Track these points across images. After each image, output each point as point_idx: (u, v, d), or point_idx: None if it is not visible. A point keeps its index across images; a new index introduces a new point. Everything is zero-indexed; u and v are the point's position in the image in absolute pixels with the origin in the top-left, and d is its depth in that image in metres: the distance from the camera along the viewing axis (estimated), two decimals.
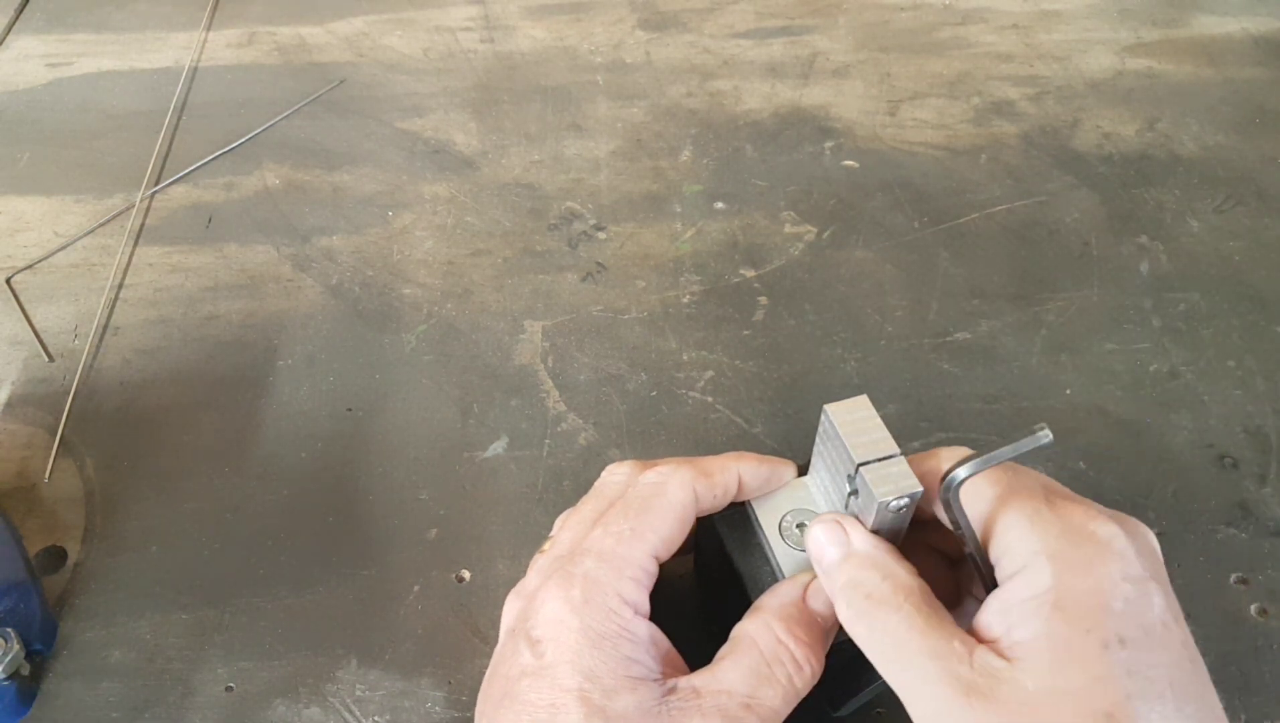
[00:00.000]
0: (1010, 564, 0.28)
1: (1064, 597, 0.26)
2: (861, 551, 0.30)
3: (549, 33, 0.72)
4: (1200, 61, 0.69)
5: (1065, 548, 0.27)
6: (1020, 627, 0.27)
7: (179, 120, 0.65)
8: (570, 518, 0.34)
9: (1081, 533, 0.27)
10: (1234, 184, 0.59)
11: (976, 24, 0.73)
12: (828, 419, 0.31)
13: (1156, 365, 0.49)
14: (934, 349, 0.50)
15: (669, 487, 0.32)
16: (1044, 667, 0.26)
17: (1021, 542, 0.28)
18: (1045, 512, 0.28)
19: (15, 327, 0.52)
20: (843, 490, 0.32)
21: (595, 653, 0.29)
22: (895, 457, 0.30)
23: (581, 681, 0.28)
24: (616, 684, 0.29)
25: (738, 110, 0.65)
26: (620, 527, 0.31)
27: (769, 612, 0.31)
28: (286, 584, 0.42)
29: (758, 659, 0.30)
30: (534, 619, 0.30)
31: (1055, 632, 0.26)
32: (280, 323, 0.52)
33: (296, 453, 0.46)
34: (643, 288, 0.54)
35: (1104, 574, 0.27)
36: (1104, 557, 0.27)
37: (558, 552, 0.32)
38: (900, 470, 0.30)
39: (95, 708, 0.38)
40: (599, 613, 0.30)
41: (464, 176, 0.60)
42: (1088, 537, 0.27)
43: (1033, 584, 0.27)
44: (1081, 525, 0.28)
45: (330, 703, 0.38)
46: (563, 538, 0.33)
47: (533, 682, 0.29)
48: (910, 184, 0.60)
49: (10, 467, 0.46)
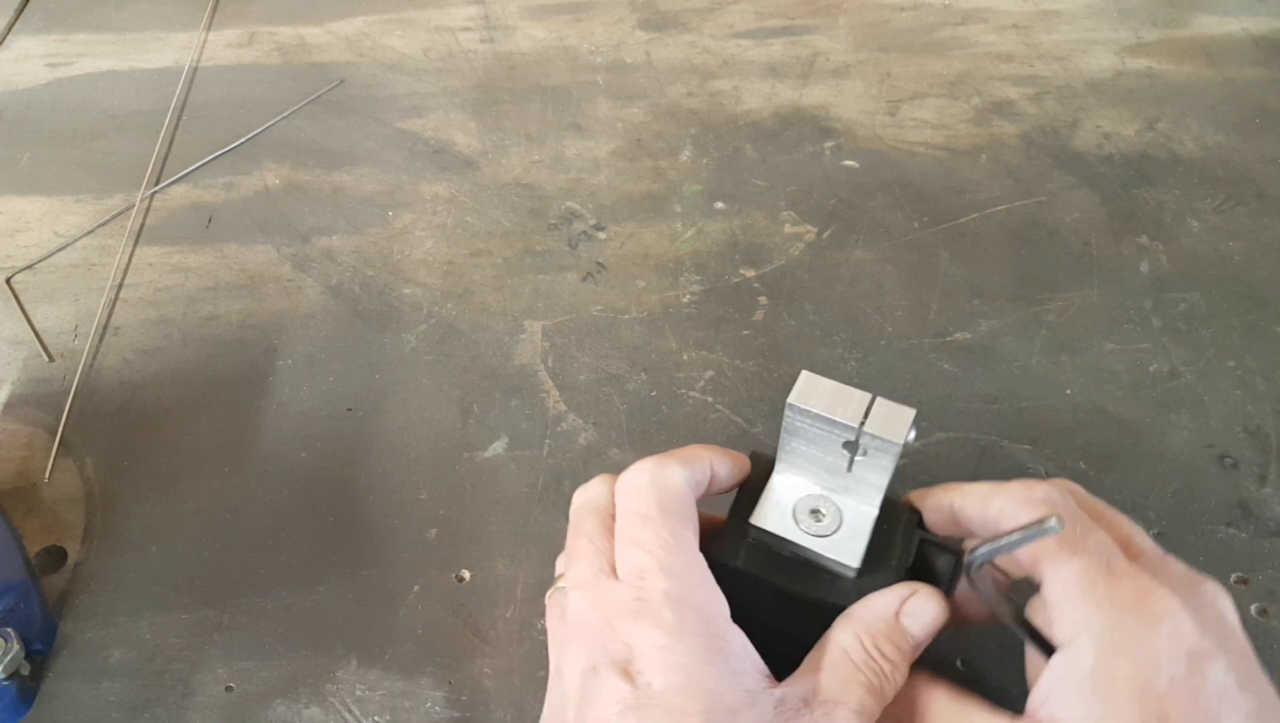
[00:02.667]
0: (1060, 635, 0.27)
1: (1104, 680, 0.26)
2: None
3: (549, 33, 0.72)
4: (1200, 61, 0.69)
5: (1112, 626, 0.26)
6: (1062, 708, 0.26)
7: (179, 120, 0.65)
8: (574, 547, 0.32)
9: (1134, 609, 0.26)
10: (1234, 184, 0.59)
11: (976, 24, 0.73)
12: (796, 410, 0.31)
13: (1156, 365, 0.49)
14: (934, 349, 0.50)
15: (668, 480, 0.31)
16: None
17: (1071, 614, 0.27)
18: (1101, 584, 0.27)
19: (15, 327, 0.52)
20: (839, 465, 0.32)
21: (708, 672, 0.27)
22: (874, 400, 0.30)
23: (703, 702, 0.26)
24: (736, 701, 0.27)
25: (738, 110, 0.65)
26: (659, 536, 0.29)
27: (860, 623, 0.30)
28: (286, 584, 0.42)
29: (854, 669, 0.29)
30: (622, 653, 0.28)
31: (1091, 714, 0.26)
32: (280, 323, 0.52)
33: (296, 453, 0.46)
34: (643, 288, 0.54)
35: (1149, 654, 0.26)
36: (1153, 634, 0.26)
37: (593, 580, 0.30)
38: (889, 409, 0.30)
39: (95, 708, 0.38)
40: (697, 630, 0.28)
41: (464, 176, 0.60)
42: (1140, 613, 0.26)
43: (1076, 663, 0.26)
44: (1136, 601, 0.27)
45: (330, 703, 0.38)
46: (587, 567, 0.30)
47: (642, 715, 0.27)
48: (910, 184, 0.60)
49: (10, 467, 0.46)
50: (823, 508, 0.33)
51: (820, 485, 0.33)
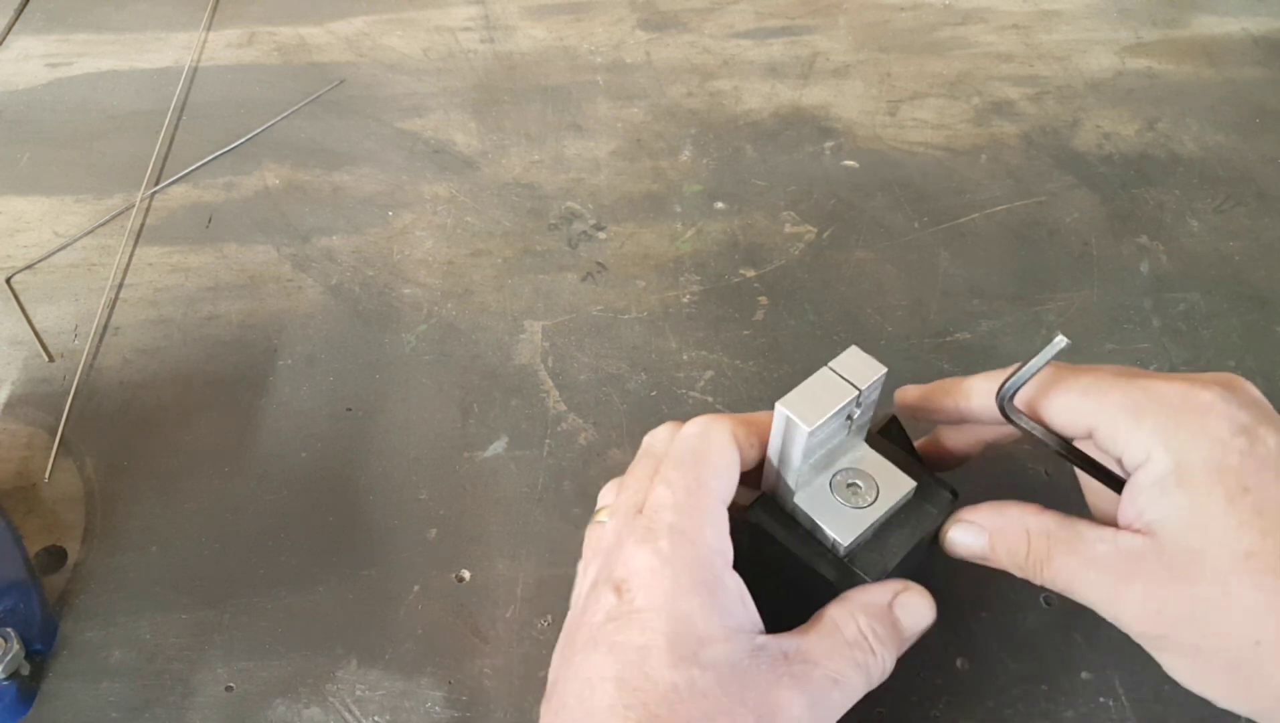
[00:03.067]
0: (1131, 458, 0.30)
1: (1184, 472, 0.29)
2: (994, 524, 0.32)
3: (549, 33, 0.72)
4: (1200, 61, 0.69)
5: (1175, 428, 0.29)
6: (1150, 509, 0.29)
7: (179, 120, 0.65)
8: (625, 482, 0.34)
9: (1184, 408, 0.29)
10: (1234, 184, 0.59)
11: (976, 24, 0.73)
12: (816, 429, 0.31)
13: (1156, 365, 0.49)
14: (934, 349, 0.50)
15: (713, 435, 0.33)
16: (1180, 536, 0.28)
17: (1134, 436, 0.30)
18: (1144, 402, 0.30)
19: (15, 327, 0.52)
20: (838, 436, 0.33)
21: (689, 599, 0.29)
22: (838, 362, 0.33)
23: (675, 624, 0.28)
24: (710, 632, 0.29)
25: (738, 110, 0.65)
26: (685, 479, 0.31)
27: (855, 604, 0.32)
28: (286, 584, 0.42)
29: (842, 642, 0.31)
30: (620, 571, 0.30)
31: (1181, 504, 0.28)
32: (280, 323, 0.52)
33: (296, 453, 0.46)
34: (643, 288, 0.54)
35: (1214, 438, 0.29)
36: (1210, 421, 0.29)
37: (626, 511, 0.32)
38: (856, 356, 0.33)
39: (95, 708, 0.38)
40: (690, 562, 0.29)
41: (464, 177, 0.60)
42: (1191, 410, 0.29)
43: (1154, 471, 0.29)
44: (1182, 401, 0.29)
45: (330, 703, 0.38)
46: (625, 501, 0.33)
47: (620, 625, 0.29)
48: (910, 184, 0.60)
49: (10, 467, 0.46)
50: (860, 482, 0.34)
51: (832, 453, 0.34)
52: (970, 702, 0.38)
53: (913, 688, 0.38)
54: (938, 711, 0.37)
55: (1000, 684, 0.38)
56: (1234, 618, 0.28)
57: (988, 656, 0.39)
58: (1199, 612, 0.28)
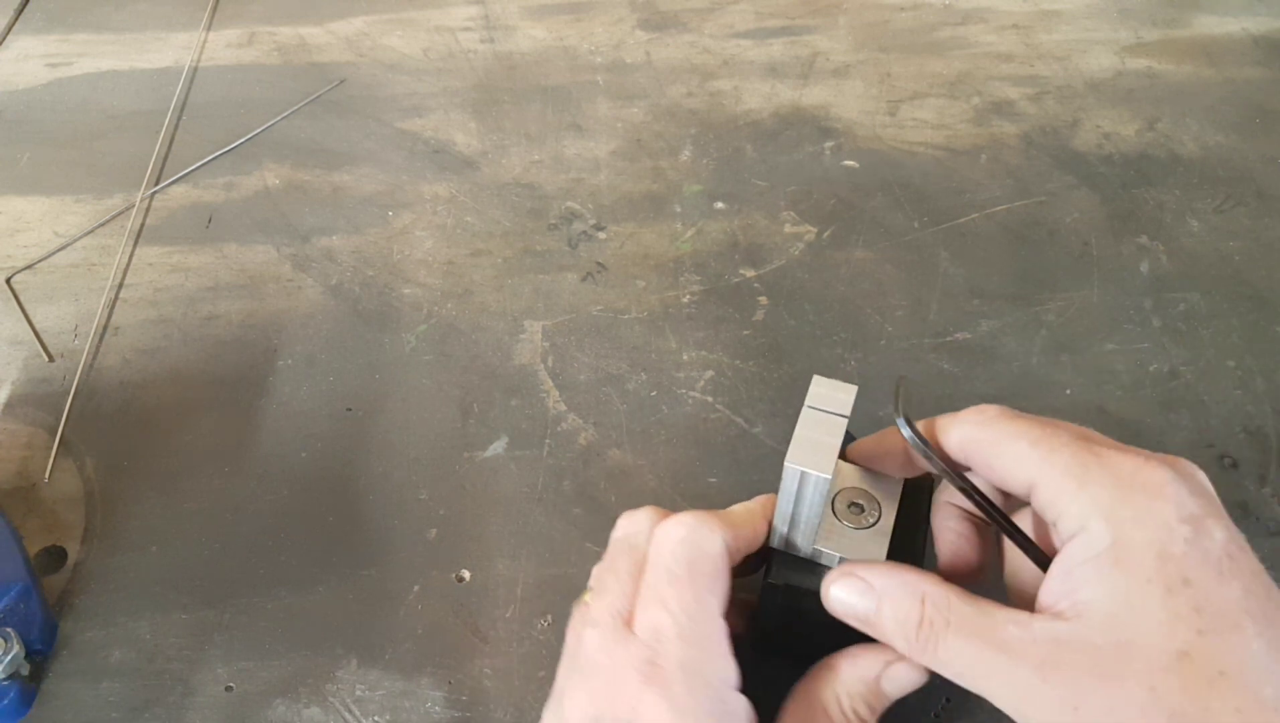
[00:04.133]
0: (1066, 527, 0.28)
1: (1123, 553, 0.26)
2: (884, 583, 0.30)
3: (549, 33, 0.72)
4: (1200, 61, 0.69)
5: (1117, 504, 0.27)
6: (1083, 588, 0.27)
7: (179, 120, 0.65)
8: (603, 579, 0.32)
9: (1132, 484, 0.27)
10: (1234, 184, 0.59)
11: (976, 24, 0.73)
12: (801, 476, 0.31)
13: (1156, 365, 0.49)
14: (934, 349, 0.50)
15: (705, 545, 0.31)
16: (1109, 621, 0.26)
17: (1074, 503, 0.28)
18: (1093, 468, 0.28)
19: (15, 327, 0.52)
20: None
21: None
22: (813, 398, 0.32)
23: None
24: None
25: (738, 110, 0.65)
26: (684, 600, 0.30)
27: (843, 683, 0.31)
28: (286, 584, 0.42)
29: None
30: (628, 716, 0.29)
31: (1117, 587, 0.26)
32: (280, 323, 0.52)
33: (296, 453, 0.46)
34: (643, 288, 0.54)
35: (1160, 521, 0.26)
36: (1158, 504, 0.27)
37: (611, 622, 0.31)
38: (826, 385, 0.32)
39: (95, 708, 0.38)
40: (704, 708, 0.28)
41: (464, 177, 0.60)
42: (1140, 487, 0.27)
43: (1091, 546, 0.27)
44: (1132, 476, 0.27)
45: (330, 703, 0.38)
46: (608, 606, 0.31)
47: None
48: (910, 184, 0.60)
49: (10, 467, 0.46)
50: (860, 501, 0.33)
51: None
52: (970, 702, 0.38)
53: None
54: (938, 711, 0.37)
55: None
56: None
57: None
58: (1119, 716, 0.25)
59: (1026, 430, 0.29)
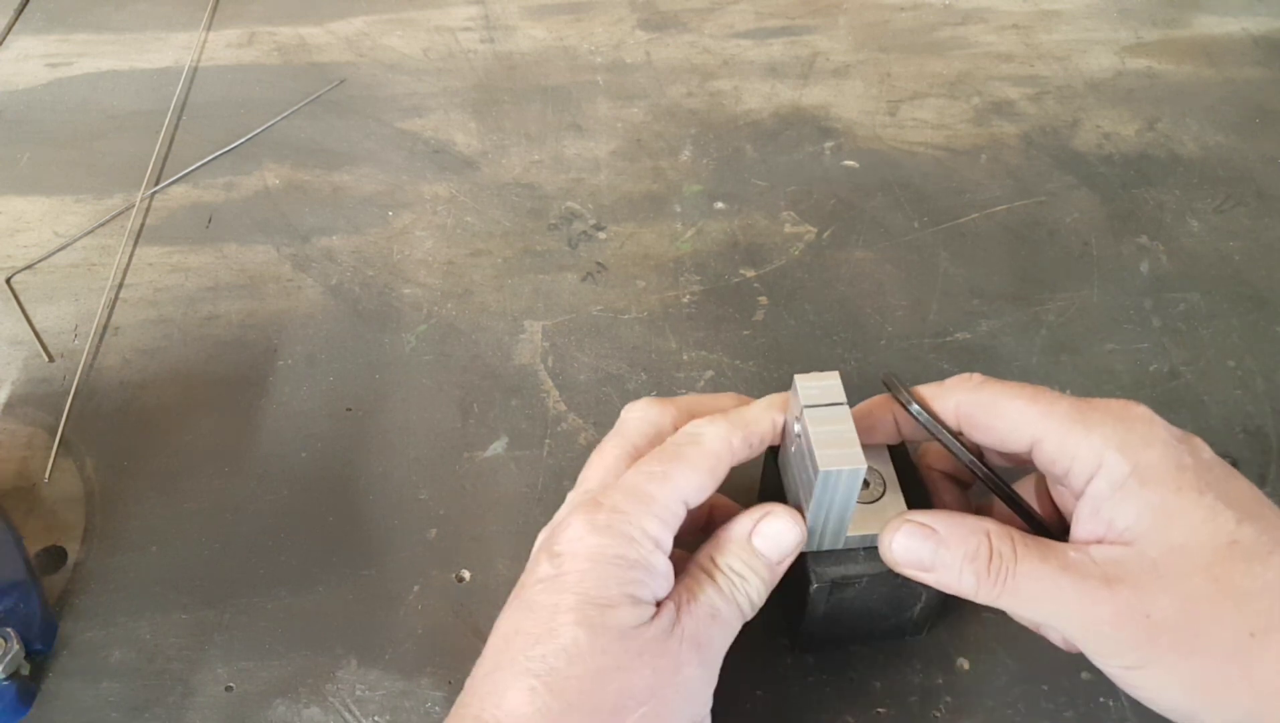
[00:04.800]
0: (1083, 470, 0.30)
1: (1146, 474, 0.29)
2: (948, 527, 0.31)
3: (549, 33, 0.72)
4: (1200, 61, 0.69)
5: (1124, 432, 0.30)
6: (1119, 516, 0.29)
7: (179, 120, 0.65)
8: (591, 459, 0.35)
9: (1127, 417, 0.30)
10: (1234, 184, 0.59)
11: (976, 24, 0.73)
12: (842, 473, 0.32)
13: (1156, 365, 0.49)
14: (934, 349, 0.50)
15: (704, 437, 0.33)
16: (1156, 533, 0.28)
17: (1084, 445, 0.30)
18: (1090, 412, 0.30)
19: (15, 327, 0.52)
20: None
21: (605, 571, 0.30)
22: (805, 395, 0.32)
23: (586, 590, 0.30)
24: (620, 599, 0.30)
25: (738, 110, 0.65)
26: (652, 468, 0.32)
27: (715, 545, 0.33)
28: (286, 584, 0.42)
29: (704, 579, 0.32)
30: (558, 538, 0.31)
31: (1151, 503, 0.29)
32: (280, 323, 0.52)
33: (296, 453, 0.46)
34: (643, 288, 0.54)
35: (1163, 442, 0.30)
36: (1154, 429, 0.30)
37: (587, 486, 0.34)
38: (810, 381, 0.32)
39: (95, 708, 0.38)
40: (618, 539, 0.30)
41: (464, 176, 0.60)
42: (1134, 418, 0.30)
43: (1112, 477, 0.29)
44: (1122, 412, 0.30)
45: (330, 703, 0.38)
46: (589, 476, 0.34)
47: (543, 587, 0.31)
48: (910, 184, 0.60)
49: (10, 467, 0.46)
50: (867, 477, 0.34)
51: None
52: (970, 702, 0.38)
53: (913, 688, 0.38)
54: (938, 711, 0.37)
55: (1000, 684, 0.38)
56: (1227, 610, 0.28)
57: (988, 656, 0.39)
58: (1192, 610, 0.28)
59: (1018, 391, 0.32)
